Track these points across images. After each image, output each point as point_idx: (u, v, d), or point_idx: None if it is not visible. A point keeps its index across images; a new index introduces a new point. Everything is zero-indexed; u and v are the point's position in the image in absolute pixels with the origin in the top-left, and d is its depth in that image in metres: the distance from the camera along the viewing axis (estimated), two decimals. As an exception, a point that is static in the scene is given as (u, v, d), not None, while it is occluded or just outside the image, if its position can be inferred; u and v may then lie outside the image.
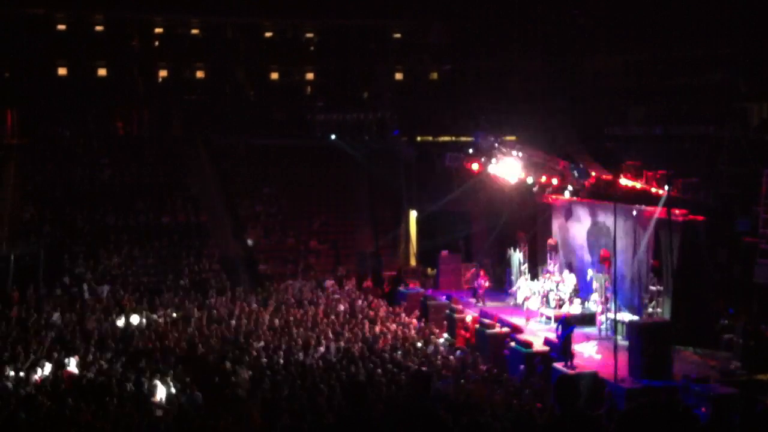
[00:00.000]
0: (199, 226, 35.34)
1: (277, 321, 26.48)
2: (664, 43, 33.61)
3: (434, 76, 44.72)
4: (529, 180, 28.21)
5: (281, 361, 22.28)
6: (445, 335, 26.69)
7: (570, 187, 26.86)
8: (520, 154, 28.41)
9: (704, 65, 32.92)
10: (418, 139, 38.93)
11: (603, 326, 25.06)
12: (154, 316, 26.94)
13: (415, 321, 27.64)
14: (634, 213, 25.21)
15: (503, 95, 37.39)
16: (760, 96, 31.55)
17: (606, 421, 18.71)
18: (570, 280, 27.66)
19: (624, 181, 24.61)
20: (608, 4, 34.21)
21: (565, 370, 21.18)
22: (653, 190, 23.87)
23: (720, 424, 11.85)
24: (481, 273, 30.53)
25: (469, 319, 26.91)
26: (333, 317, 27.15)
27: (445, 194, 34.21)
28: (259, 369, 21.22)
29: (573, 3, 35.33)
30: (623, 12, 33.93)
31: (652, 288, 24.25)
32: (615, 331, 22.85)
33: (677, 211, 24.00)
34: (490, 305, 29.31)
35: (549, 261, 29.32)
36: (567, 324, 22.27)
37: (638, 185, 24.26)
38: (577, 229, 29.01)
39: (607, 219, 25.97)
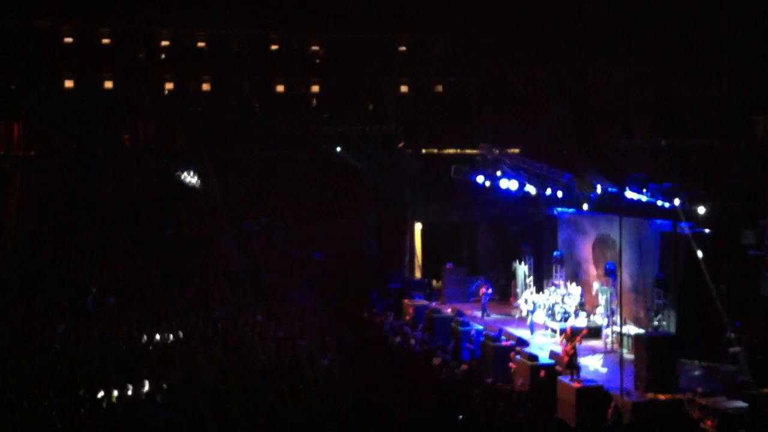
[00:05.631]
0: (204, 238, 35.33)
1: (281, 333, 26.42)
2: (669, 56, 33.64)
3: (439, 88, 44.75)
4: (534, 192, 28.19)
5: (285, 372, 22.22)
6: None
7: (575, 200, 26.86)
8: (525, 166, 28.40)
9: (709, 78, 32.94)
10: (423, 151, 38.97)
11: (609, 339, 24.98)
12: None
13: (419, 333, 27.57)
14: (638, 225, 25.15)
15: (508, 108, 37.43)
16: (766, 108, 31.53)
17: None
18: (575, 292, 27.59)
19: (629, 194, 24.54)
20: (614, 17, 34.24)
21: (570, 383, 21.09)
22: (659, 202, 23.81)
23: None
24: (485, 280, 30.49)
25: (474, 332, 26.83)
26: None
27: (449, 206, 34.17)
28: (262, 381, 21.17)
29: (578, 16, 35.36)
30: (628, 25, 33.96)
31: (658, 301, 24.17)
32: (621, 344, 22.75)
33: (683, 224, 23.94)
34: (495, 317, 29.24)
35: (554, 274, 29.25)
36: (573, 336, 22.24)
37: (643, 198, 24.20)
38: (583, 241, 28.95)
39: (612, 231, 25.89)
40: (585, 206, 26.93)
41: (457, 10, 39.23)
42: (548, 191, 27.63)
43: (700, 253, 23.01)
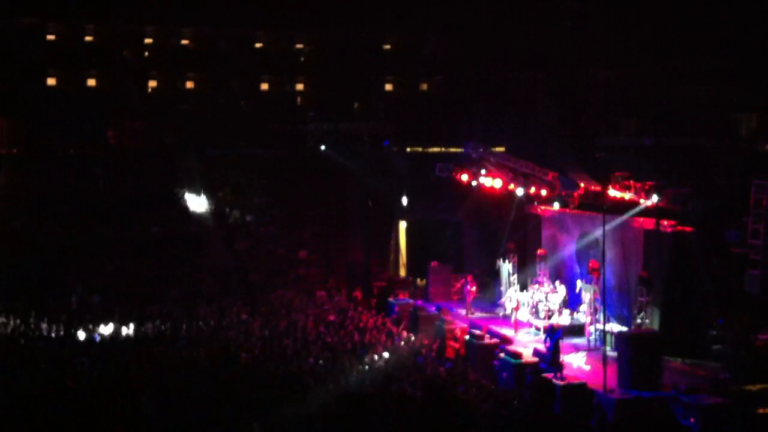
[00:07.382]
0: (191, 236, 35.25)
1: (267, 331, 26.40)
2: (656, 56, 33.76)
3: (424, 86, 44.76)
4: (518, 191, 28.27)
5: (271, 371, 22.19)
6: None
7: (559, 198, 26.96)
8: (510, 164, 28.48)
9: (695, 78, 33.08)
10: (408, 149, 38.99)
11: (592, 337, 25.09)
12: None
13: (404, 332, 27.60)
14: (622, 223, 25.26)
15: (494, 106, 37.47)
16: (750, 107, 31.71)
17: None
18: (559, 290, 27.68)
19: (613, 192, 24.64)
20: (602, 16, 34.33)
21: (555, 381, 21.16)
22: (642, 200, 23.92)
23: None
24: (469, 278, 30.51)
25: (458, 330, 26.89)
26: (322, 328, 27.07)
27: (435, 204, 34.21)
28: (249, 380, 21.13)
29: (567, 15, 35.43)
30: (617, 25, 34.06)
31: (641, 299, 24.28)
32: (604, 342, 22.85)
33: (666, 222, 24.06)
34: (479, 316, 29.30)
35: (538, 272, 29.33)
36: (554, 332, 22.35)
37: (627, 196, 24.30)
38: (566, 239, 29.04)
39: (595, 230, 25.99)
40: (569, 205, 27.05)
41: (446, 9, 39.23)
42: (532, 189, 27.73)
43: (683, 251, 23.16)
